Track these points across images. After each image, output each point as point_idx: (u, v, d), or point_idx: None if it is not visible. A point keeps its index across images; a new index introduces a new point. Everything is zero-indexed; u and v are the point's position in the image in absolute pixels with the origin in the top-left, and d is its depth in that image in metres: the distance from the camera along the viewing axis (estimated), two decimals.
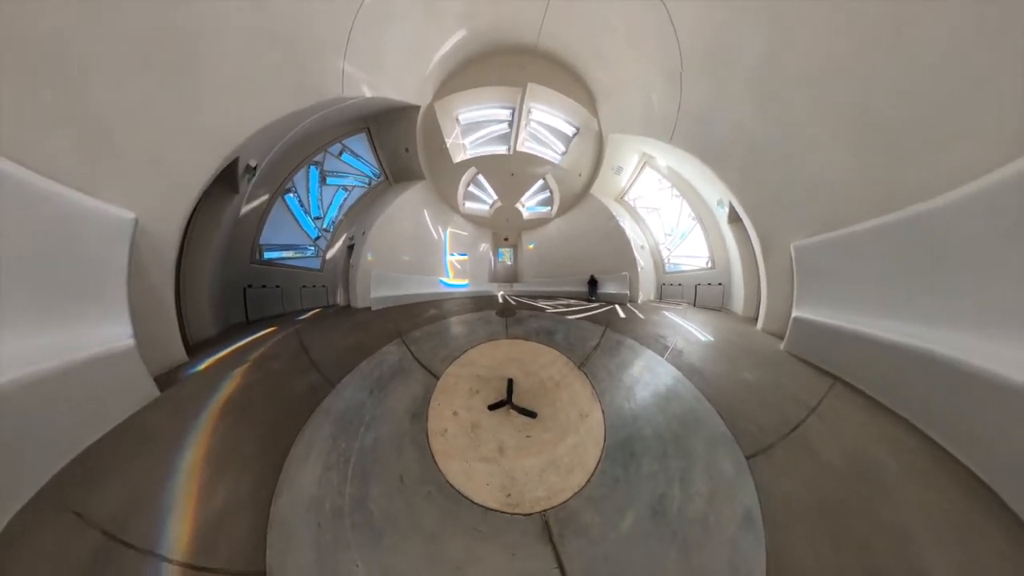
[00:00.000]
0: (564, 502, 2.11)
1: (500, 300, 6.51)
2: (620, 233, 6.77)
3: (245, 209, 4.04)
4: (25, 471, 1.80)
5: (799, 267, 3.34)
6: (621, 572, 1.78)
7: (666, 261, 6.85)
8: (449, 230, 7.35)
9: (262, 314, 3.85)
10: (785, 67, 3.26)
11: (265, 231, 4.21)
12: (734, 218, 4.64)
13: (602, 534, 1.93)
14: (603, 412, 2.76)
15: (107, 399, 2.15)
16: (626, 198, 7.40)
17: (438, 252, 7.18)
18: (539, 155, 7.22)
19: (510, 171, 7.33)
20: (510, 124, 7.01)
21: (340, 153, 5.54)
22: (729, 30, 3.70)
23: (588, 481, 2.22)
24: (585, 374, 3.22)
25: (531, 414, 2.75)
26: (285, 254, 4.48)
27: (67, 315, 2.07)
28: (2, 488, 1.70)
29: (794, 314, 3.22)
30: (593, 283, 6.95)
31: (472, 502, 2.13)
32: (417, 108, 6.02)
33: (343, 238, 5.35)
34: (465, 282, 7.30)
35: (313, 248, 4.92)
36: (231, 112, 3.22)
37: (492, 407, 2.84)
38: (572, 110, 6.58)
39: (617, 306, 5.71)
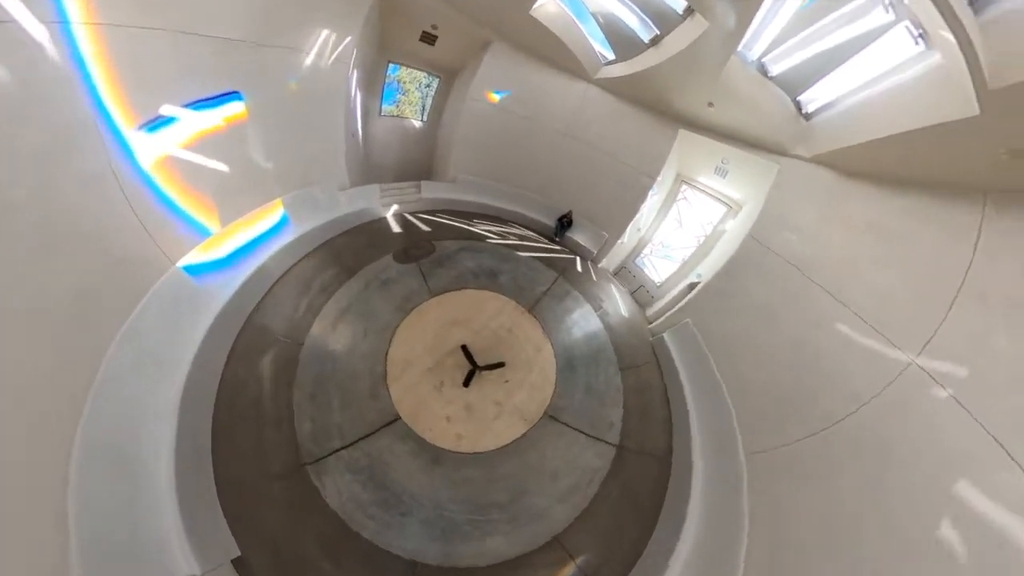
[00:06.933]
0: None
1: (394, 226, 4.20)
2: (640, 196, 5.33)
3: None
4: None
5: (678, 334, 5.56)
6: (573, 409, 5.09)
7: (640, 255, 7.14)
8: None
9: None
10: None
11: None
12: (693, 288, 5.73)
13: (567, 402, 5.19)
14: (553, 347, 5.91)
15: None
16: (688, 178, 6.11)
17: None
18: None
19: None
20: None
21: None
22: None
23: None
24: (535, 317, 6.22)
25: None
26: None
27: None
28: None
29: (665, 335, 5.69)
30: (566, 223, 5.92)
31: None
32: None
33: None
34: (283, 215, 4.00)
35: None
36: None
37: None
38: None
39: (579, 259, 6.15)
